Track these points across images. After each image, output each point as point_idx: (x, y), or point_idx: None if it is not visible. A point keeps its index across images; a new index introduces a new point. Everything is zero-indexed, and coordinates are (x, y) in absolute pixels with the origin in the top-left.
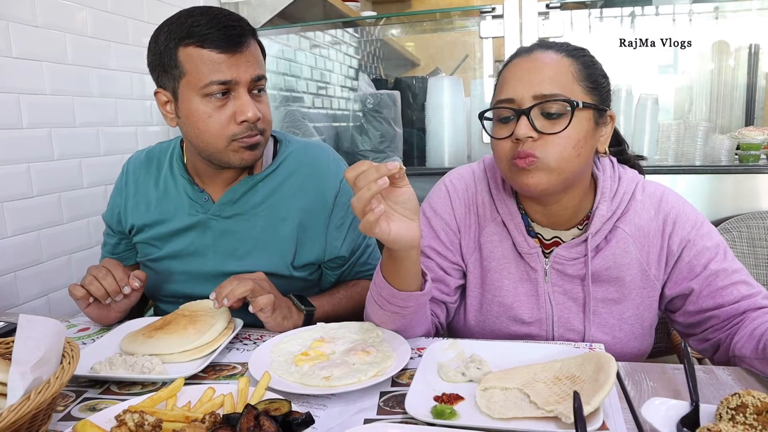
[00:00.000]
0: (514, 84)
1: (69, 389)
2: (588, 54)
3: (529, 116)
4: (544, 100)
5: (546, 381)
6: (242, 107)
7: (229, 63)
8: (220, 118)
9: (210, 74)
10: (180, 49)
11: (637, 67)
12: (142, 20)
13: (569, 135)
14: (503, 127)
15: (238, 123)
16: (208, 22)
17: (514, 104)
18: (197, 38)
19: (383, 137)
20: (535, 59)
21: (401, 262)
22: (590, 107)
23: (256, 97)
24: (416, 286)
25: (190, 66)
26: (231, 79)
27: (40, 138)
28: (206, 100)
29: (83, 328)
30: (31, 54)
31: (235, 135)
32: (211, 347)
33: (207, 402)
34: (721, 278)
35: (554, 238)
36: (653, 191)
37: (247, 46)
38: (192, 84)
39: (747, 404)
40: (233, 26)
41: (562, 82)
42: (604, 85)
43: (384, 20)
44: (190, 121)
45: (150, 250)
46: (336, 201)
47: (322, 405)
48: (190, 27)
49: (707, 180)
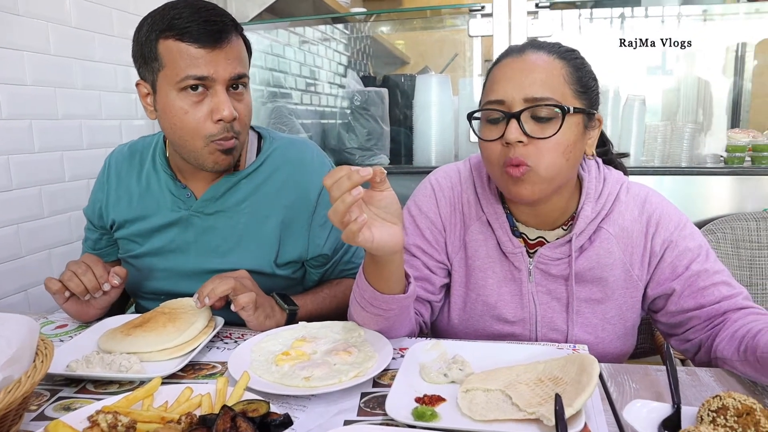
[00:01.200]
0: (504, 85)
1: (43, 388)
2: (579, 56)
3: (519, 120)
4: (535, 104)
5: (528, 382)
6: (218, 105)
7: (208, 58)
8: (196, 114)
9: (186, 68)
10: (160, 41)
11: (625, 68)
12: (128, 11)
13: (559, 140)
14: (492, 129)
15: (214, 121)
16: (190, 15)
17: (503, 106)
18: (177, 31)
19: (370, 135)
20: (526, 60)
21: (384, 266)
22: (580, 112)
23: (235, 95)
24: (399, 289)
25: (169, 59)
26: (208, 75)
27: (20, 129)
28: (182, 94)
29: (61, 325)
30: (11, 43)
31: (213, 135)
32: (191, 346)
33: (184, 402)
34: (703, 279)
35: (539, 238)
36: (637, 192)
37: (227, 42)
38: (169, 77)
39: (728, 406)
40: (215, 21)
41: (553, 86)
42: (593, 89)
43: (374, 17)
44: (167, 115)
45: (131, 246)
46: (319, 199)
47: (302, 406)
48: (172, 19)
49: (693, 181)
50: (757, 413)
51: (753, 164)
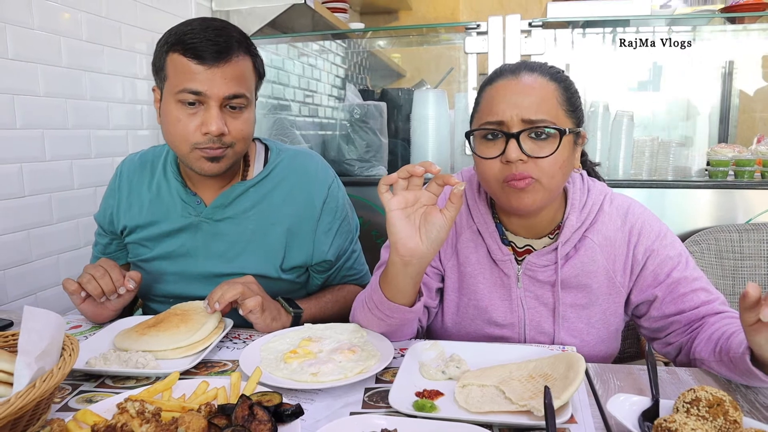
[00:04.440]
0: (503, 107)
1: (65, 382)
2: (567, 77)
3: (518, 140)
4: (533, 126)
5: (520, 379)
6: (208, 119)
7: (205, 75)
8: (187, 124)
9: (184, 82)
10: (169, 54)
11: (615, 84)
12: (135, 26)
13: (556, 158)
14: (490, 146)
15: (202, 133)
16: (200, 32)
17: (503, 126)
18: (182, 46)
19: (369, 147)
20: (521, 82)
21: (398, 276)
22: (572, 132)
23: (231, 112)
24: (407, 302)
25: (172, 71)
26: (202, 90)
27: (33, 139)
28: (179, 105)
29: (75, 326)
30: (26, 56)
31: (198, 144)
32: (203, 345)
33: (201, 395)
34: (683, 285)
35: (526, 246)
36: (620, 203)
37: (227, 61)
38: (170, 88)
39: (700, 398)
40: (219, 40)
41: (548, 108)
42: (580, 107)
43: (371, 32)
44: (164, 121)
45: (141, 250)
46: (324, 207)
47: (310, 399)
48: (183, 35)
49: (678, 194)
50: (726, 404)
51: (736, 178)
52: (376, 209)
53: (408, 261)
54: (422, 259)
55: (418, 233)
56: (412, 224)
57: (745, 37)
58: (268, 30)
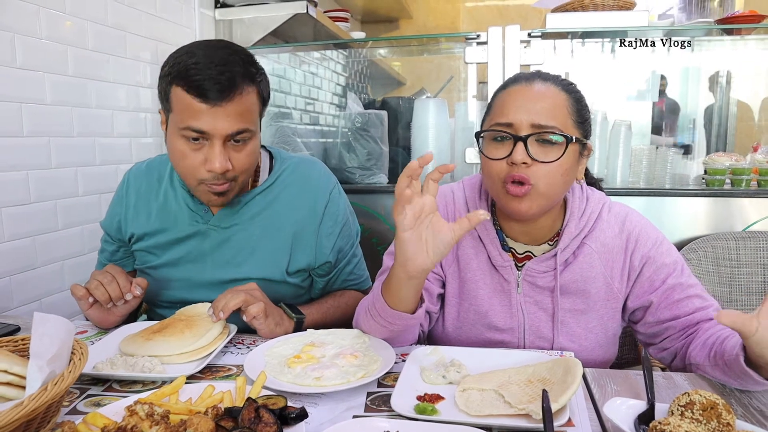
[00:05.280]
0: (515, 111)
1: (73, 386)
2: (579, 91)
3: (526, 143)
4: (541, 130)
5: (519, 383)
6: (211, 158)
7: (209, 114)
8: (193, 160)
9: (188, 119)
10: (173, 86)
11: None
12: (140, 35)
13: (560, 164)
14: (498, 147)
15: (206, 170)
16: (204, 67)
17: (511, 129)
18: (185, 81)
19: (370, 155)
20: (534, 89)
21: (400, 286)
22: (579, 141)
23: (235, 146)
24: (408, 309)
25: (176, 105)
26: (206, 130)
27: (40, 146)
28: (183, 140)
29: (81, 331)
30: (34, 65)
31: (204, 180)
32: (208, 350)
33: (207, 398)
34: (678, 292)
35: (526, 253)
36: (618, 211)
37: (230, 100)
38: (175, 122)
39: (695, 402)
40: (221, 79)
41: (558, 116)
42: (589, 120)
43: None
44: (171, 152)
45: (149, 257)
46: (326, 211)
47: (313, 403)
48: (187, 68)
49: (676, 202)
50: (719, 407)
51: (732, 186)
52: (377, 217)
53: (414, 276)
54: (425, 272)
55: (425, 248)
56: (421, 241)
57: (743, 47)
58: (271, 39)
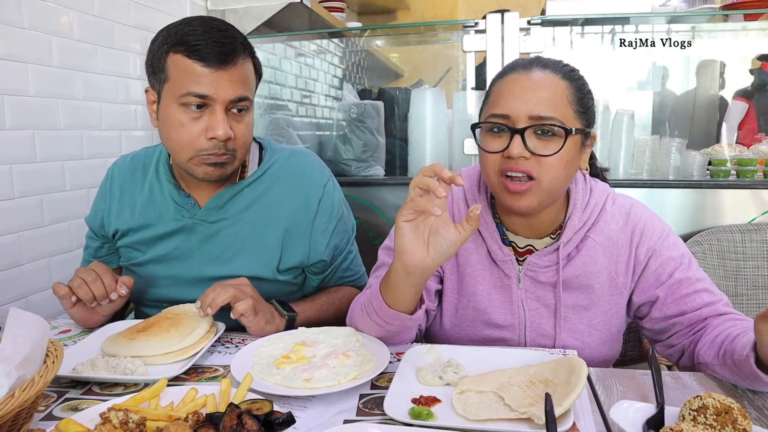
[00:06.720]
0: (511, 101)
1: (50, 390)
2: (581, 76)
3: (523, 136)
4: (539, 122)
5: (520, 384)
6: (214, 124)
7: (211, 78)
8: (192, 129)
9: (189, 85)
10: (170, 54)
11: (615, 82)
12: (129, 25)
13: (561, 157)
14: (494, 139)
15: (208, 138)
16: (202, 33)
17: (508, 121)
18: (186, 47)
19: (366, 147)
20: (532, 78)
21: (400, 284)
22: (580, 132)
23: (235, 116)
24: (407, 309)
25: (174, 73)
26: (209, 94)
27: (23, 139)
28: (182, 109)
29: (64, 330)
30: (16, 55)
31: (203, 150)
32: (194, 350)
33: (189, 402)
34: (685, 286)
35: (528, 246)
36: (622, 203)
37: (233, 64)
38: (172, 91)
39: (708, 406)
40: (225, 42)
41: (557, 106)
42: (592, 108)
43: (369, 31)
44: (165, 125)
45: (134, 254)
46: (319, 206)
47: (302, 406)
48: (184, 35)
49: (680, 194)
50: (734, 412)
51: (738, 178)
52: (374, 210)
53: (411, 271)
54: (426, 271)
55: (425, 245)
56: (420, 236)
57: (745, 37)
58: (264, 29)
